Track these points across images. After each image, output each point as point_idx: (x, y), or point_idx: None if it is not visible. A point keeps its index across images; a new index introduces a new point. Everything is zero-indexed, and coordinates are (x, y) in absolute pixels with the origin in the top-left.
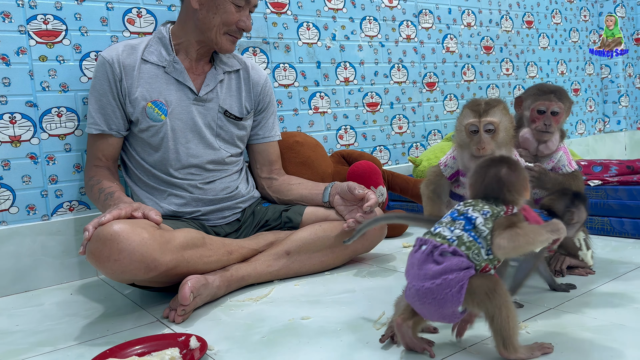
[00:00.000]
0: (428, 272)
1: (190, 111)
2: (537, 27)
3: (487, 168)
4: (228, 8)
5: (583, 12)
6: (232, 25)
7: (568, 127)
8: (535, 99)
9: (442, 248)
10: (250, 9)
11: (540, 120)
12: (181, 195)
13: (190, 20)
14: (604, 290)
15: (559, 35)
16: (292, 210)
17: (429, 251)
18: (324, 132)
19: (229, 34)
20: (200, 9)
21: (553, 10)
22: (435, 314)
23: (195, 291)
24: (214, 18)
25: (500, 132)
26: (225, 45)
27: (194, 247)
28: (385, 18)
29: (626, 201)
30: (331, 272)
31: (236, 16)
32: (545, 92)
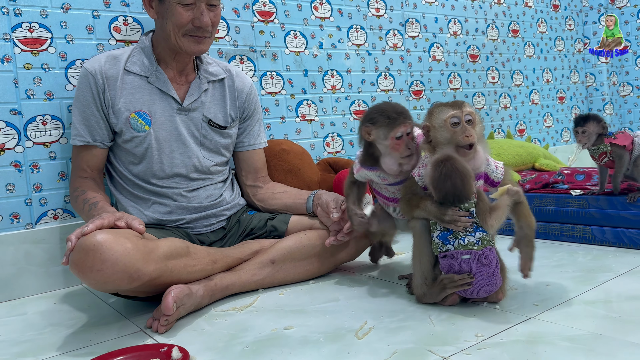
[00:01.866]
0: (484, 273)
1: (174, 121)
2: (522, 35)
3: (446, 177)
4: (176, 10)
5: (568, 21)
6: (185, 26)
7: (554, 135)
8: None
9: (482, 254)
10: (206, 2)
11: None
12: (165, 204)
13: (158, 31)
14: (583, 299)
15: (545, 44)
16: (278, 219)
17: (476, 259)
18: (311, 140)
19: (189, 35)
20: (158, 18)
21: (538, 19)
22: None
23: (179, 301)
24: (167, 24)
25: (477, 123)
26: (188, 47)
27: (178, 256)
28: (372, 27)
29: (607, 210)
30: (316, 280)
31: (186, 16)
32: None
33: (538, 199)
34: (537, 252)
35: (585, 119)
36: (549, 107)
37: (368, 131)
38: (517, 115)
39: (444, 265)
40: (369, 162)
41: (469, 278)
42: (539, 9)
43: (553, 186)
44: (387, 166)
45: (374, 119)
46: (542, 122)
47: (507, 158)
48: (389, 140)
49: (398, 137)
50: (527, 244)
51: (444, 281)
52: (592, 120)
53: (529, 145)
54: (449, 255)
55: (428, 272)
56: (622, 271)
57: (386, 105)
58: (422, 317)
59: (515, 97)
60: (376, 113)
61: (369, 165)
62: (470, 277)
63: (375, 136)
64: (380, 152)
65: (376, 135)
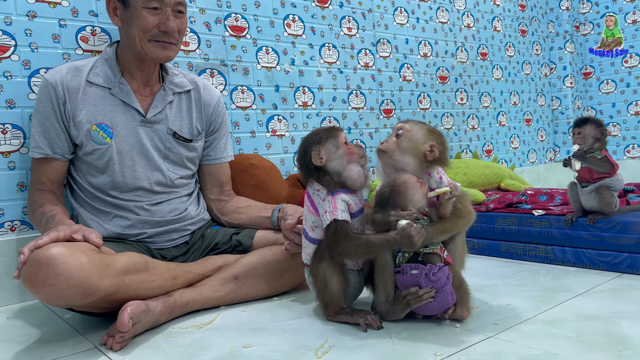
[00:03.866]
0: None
1: (137, 133)
2: (491, 59)
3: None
4: (141, 14)
5: (535, 46)
6: (151, 31)
7: (520, 156)
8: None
9: (430, 270)
10: (172, 8)
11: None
12: (127, 217)
13: (123, 39)
14: (542, 319)
15: (512, 68)
16: (243, 234)
17: (423, 274)
18: (282, 155)
19: (155, 40)
20: (123, 25)
21: (507, 43)
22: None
23: (135, 317)
24: (132, 29)
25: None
26: (154, 52)
27: (136, 271)
28: (344, 46)
29: (568, 231)
30: (280, 297)
31: (152, 20)
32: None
33: (501, 219)
34: (500, 270)
35: (584, 122)
36: (516, 129)
37: (317, 153)
38: (485, 136)
39: (397, 281)
40: (337, 185)
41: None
42: (507, 33)
43: (516, 206)
44: (354, 175)
45: (315, 140)
46: (509, 144)
47: (474, 177)
48: (341, 149)
49: (346, 142)
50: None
51: (407, 297)
52: (591, 124)
53: (495, 166)
54: (401, 270)
55: (390, 290)
56: (580, 291)
57: (313, 130)
58: (382, 336)
59: (483, 118)
60: (313, 136)
61: (339, 188)
62: (435, 291)
63: (326, 154)
64: (336, 171)
65: (327, 153)
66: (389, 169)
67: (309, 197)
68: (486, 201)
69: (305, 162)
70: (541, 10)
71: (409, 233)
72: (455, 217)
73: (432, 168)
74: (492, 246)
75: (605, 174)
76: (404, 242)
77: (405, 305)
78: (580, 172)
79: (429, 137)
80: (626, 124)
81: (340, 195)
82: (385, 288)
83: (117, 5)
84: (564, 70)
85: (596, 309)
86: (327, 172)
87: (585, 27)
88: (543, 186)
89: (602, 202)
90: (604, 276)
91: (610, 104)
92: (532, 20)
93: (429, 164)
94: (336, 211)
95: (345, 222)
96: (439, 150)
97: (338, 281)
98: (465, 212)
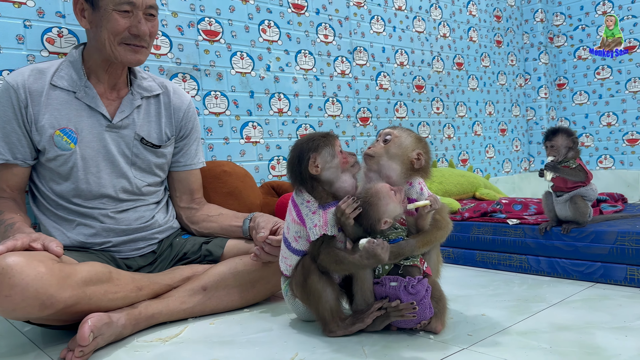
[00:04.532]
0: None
1: (103, 139)
2: (467, 69)
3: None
4: (112, 17)
5: (510, 57)
6: (122, 34)
7: (495, 166)
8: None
9: (409, 282)
10: (143, 11)
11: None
12: (91, 225)
13: (90, 42)
14: (517, 329)
15: (488, 78)
16: (213, 243)
17: (402, 287)
18: (256, 162)
19: (125, 43)
20: (91, 28)
21: (482, 53)
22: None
23: (96, 330)
24: (102, 31)
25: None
26: (124, 56)
27: (99, 282)
28: (321, 53)
29: (542, 240)
30: (251, 309)
31: (123, 23)
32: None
33: (476, 228)
34: (475, 280)
35: (554, 133)
36: (491, 139)
37: (314, 162)
38: (460, 146)
39: (376, 292)
40: (329, 196)
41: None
42: (482, 43)
43: (491, 215)
44: (348, 186)
45: (312, 147)
46: (484, 153)
47: (449, 186)
48: (337, 158)
49: (341, 150)
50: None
51: (387, 310)
52: (562, 134)
53: (470, 175)
54: (380, 282)
55: (370, 301)
56: (555, 301)
57: (308, 135)
58: (355, 348)
59: (458, 127)
60: (309, 142)
61: (331, 200)
62: (414, 306)
63: (322, 163)
64: (329, 181)
65: (322, 161)
66: (373, 174)
67: (295, 206)
68: (461, 210)
69: (299, 170)
70: (516, 22)
71: (373, 252)
72: (434, 229)
73: (414, 177)
74: (467, 255)
75: (580, 183)
76: (370, 262)
77: (384, 318)
78: (555, 182)
79: (416, 144)
80: (598, 135)
81: (331, 210)
82: (364, 299)
83: (85, 7)
84: (539, 81)
85: (570, 319)
86: (320, 181)
87: (559, 39)
88: (518, 195)
89: (576, 211)
90: (578, 286)
91: (583, 114)
92: (508, 31)
93: (413, 172)
94: (326, 226)
95: (332, 237)
96: (424, 159)
97: (332, 291)
98: (443, 224)
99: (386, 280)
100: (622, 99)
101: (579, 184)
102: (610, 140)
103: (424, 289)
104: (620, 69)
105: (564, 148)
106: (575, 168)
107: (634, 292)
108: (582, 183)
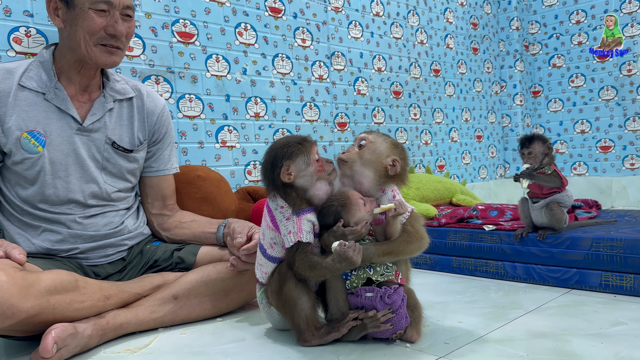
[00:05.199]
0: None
1: (73, 142)
2: (443, 75)
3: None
4: (88, 15)
5: (486, 64)
6: (98, 33)
7: (471, 172)
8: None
9: (385, 292)
10: (120, 12)
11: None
12: (57, 231)
13: (63, 42)
14: (494, 337)
15: (464, 85)
16: (185, 250)
17: (378, 297)
18: (232, 167)
19: (101, 44)
20: (65, 27)
21: (459, 60)
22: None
23: (60, 342)
24: (77, 31)
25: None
26: (100, 57)
27: (64, 291)
28: (298, 57)
29: (518, 246)
30: (223, 318)
31: (99, 22)
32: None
33: (453, 234)
34: (451, 286)
35: (531, 140)
36: (467, 145)
37: (287, 169)
38: (437, 152)
39: (351, 303)
40: (303, 202)
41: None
42: (459, 51)
43: (468, 221)
44: (322, 194)
45: (286, 154)
46: (460, 159)
47: (426, 192)
48: (312, 166)
49: (317, 158)
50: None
51: (364, 320)
52: (538, 141)
53: (447, 181)
54: (355, 293)
55: (344, 310)
56: (531, 308)
57: (284, 140)
58: (330, 358)
59: (435, 134)
60: (284, 148)
61: (305, 206)
62: (391, 312)
63: (295, 170)
64: (304, 188)
65: (296, 169)
66: (347, 180)
67: (269, 211)
68: (438, 216)
69: (272, 177)
70: (492, 30)
71: (345, 254)
72: (402, 241)
73: (388, 185)
74: (443, 261)
75: (555, 189)
76: (343, 265)
77: (361, 328)
78: (531, 188)
79: (392, 150)
80: (573, 142)
81: (306, 216)
82: (338, 308)
83: (59, 5)
84: (514, 88)
85: (547, 326)
86: (293, 188)
87: (534, 47)
88: (493, 201)
89: (552, 218)
90: (554, 292)
91: (558, 122)
92: (484, 38)
93: (388, 179)
94: (301, 233)
95: (307, 244)
96: (400, 165)
97: (309, 299)
98: (415, 237)
99: (362, 291)
100: (596, 107)
101: (554, 190)
102: (584, 148)
103: (400, 299)
104: (594, 77)
105: (541, 155)
106: (550, 174)
107: (608, 299)
108: (558, 189)
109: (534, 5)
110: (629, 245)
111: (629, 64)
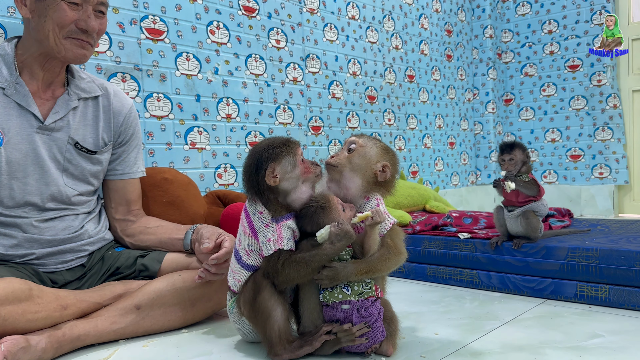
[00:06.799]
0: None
1: (33, 141)
2: (418, 81)
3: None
4: (60, 7)
5: (460, 71)
6: (68, 26)
7: (444, 179)
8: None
9: (361, 305)
10: (94, 7)
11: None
12: (12, 235)
13: (29, 33)
14: (470, 350)
15: (438, 91)
16: (150, 257)
17: (355, 310)
18: (201, 170)
19: (71, 37)
20: (32, 17)
21: (433, 67)
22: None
23: (11, 356)
24: (46, 22)
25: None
26: (70, 50)
27: (16, 301)
28: (272, 58)
29: (493, 255)
30: (189, 329)
31: (71, 14)
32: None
33: (428, 241)
34: (426, 295)
35: (512, 147)
36: (440, 152)
37: (272, 172)
38: (411, 158)
39: (326, 315)
40: (283, 209)
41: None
42: (433, 57)
43: (442, 228)
44: (304, 197)
45: (271, 156)
46: (433, 166)
47: (400, 199)
48: (298, 168)
49: (302, 160)
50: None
51: (338, 334)
52: (518, 148)
53: (421, 187)
54: (330, 305)
55: (318, 321)
56: (507, 319)
57: (267, 141)
58: None
59: (409, 139)
60: (269, 150)
61: (285, 212)
62: (367, 326)
63: (281, 173)
64: (286, 191)
65: (282, 171)
66: (333, 184)
67: (247, 216)
68: (412, 223)
69: (256, 180)
70: (466, 37)
71: (343, 229)
72: (381, 259)
73: (374, 193)
74: (417, 270)
75: (531, 198)
76: (342, 243)
77: (335, 342)
78: (506, 196)
79: (382, 155)
80: (543, 150)
81: (286, 223)
82: (311, 320)
83: None
84: (487, 96)
85: (523, 338)
86: (277, 192)
87: (507, 55)
88: (465, 208)
89: (528, 226)
90: (530, 302)
91: (529, 130)
92: (458, 45)
93: (375, 186)
94: (282, 240)
95: (290, 252)
96: (390, 172)
97: (283, 311)
98: (394, 252)
99: (338, 304)
100: (566, 116)
101: (530, 199)
102: (554, 156)
103: (377, 312)
104: (565, 86)
105: (520, 162)
106: (528, 182)
107: (583, 309)
108: (534, 197)
109: (507, 14)
110: (604, 256)
111: (599, 74)
